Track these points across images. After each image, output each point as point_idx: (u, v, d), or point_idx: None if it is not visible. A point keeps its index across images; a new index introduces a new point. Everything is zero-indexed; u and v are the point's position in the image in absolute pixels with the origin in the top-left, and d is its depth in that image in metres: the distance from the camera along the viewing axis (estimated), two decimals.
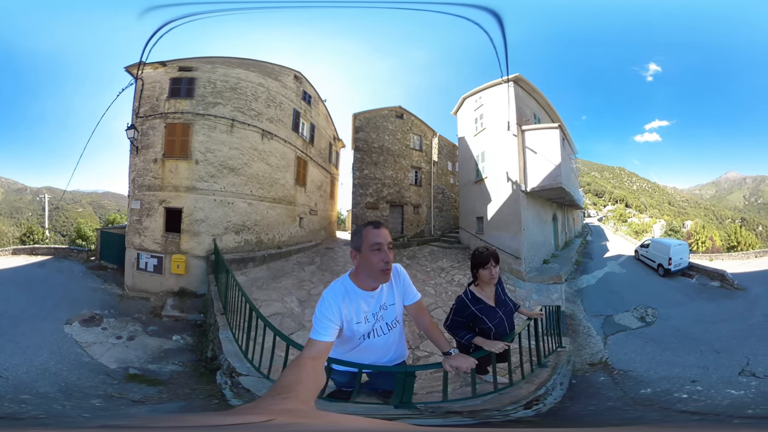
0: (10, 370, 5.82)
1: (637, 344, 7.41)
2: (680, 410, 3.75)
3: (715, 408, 3.87)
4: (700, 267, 13.42)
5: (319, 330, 1.93)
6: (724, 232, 35.53)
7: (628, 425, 2.85)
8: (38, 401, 4.70)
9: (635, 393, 4.65)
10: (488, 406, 2.86)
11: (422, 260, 15.01)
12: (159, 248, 11.59)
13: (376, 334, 2.26)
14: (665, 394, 4.52)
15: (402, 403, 2.55)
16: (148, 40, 10.81)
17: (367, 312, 2.16)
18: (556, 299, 10.63)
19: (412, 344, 6.97)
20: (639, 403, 4.20)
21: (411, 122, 21.80)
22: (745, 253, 18.79)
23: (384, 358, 2.45)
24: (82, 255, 15.27)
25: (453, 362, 2.31)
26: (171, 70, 12.49)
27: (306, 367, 1.51)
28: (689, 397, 4.31)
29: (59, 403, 4.69)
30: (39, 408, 4.41)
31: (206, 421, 0.82)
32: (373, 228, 2.05)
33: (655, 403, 4.17)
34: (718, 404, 4.04)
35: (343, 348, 2.31)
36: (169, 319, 9.54)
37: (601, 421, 3.26)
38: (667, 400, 4.25)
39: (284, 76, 14.81)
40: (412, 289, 2.41)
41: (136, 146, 12.00)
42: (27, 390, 5.09)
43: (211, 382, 5.06)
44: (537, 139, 13.55)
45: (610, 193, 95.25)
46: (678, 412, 3.70)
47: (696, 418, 3.43)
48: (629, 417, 3.50)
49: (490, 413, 2.74)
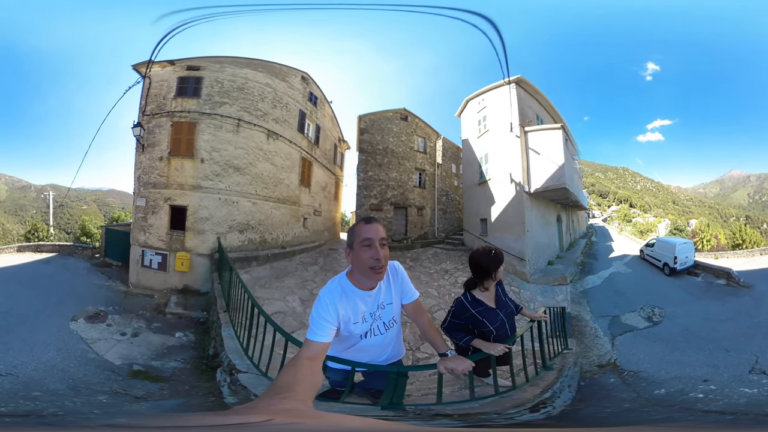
0: (20, 367, 5.84)
1: (645, 344, 7.35)
2: (702, 410, 3.70)
3: (735, 407, 3.82)
4: (705, 265, 13.33)
5: (316, 330, 1.90)
6: (728, 230, 35.31)
7: (627, 425, 2.81)
8: (50, 398, 4.71)
9: (649, 394, 4.60)
10: (487, 410, 2.79)
11: (426, 262, 14.99)
12: (163, 246, 11.63)
13: (373, 334, 2.21)
14: (680, 395, 4.47)
15: (391, 404, 2.48)
16: (160, 40, 10.90)
17: (364, 312, 2.11)
18: (561, 300, 10.57)
19: (412, 345, 6.94)
20: (656, 404, 4.15)
21: (415, 124, 21.83)
22: (750, 251, 18.66)
23: (380, 358, 2.40)
24: (87, 252, 15.31)
25: (449, 364, 2.23)
26: (179, 68, 12.55)
27: (303, 367, 1.52)
28: (705, 397, 4.27)
29: (69, 399, 4.71)
30: (53, 405, 4.42)
31: (205, 421, 0.83)
32: (365, 223, 1.96)
33: (675, 403, 4.12)
34: (735, 403, 4.00)
35: (340, 347, 2.27)
36: (172, 316, 9.58)
37: (605, 422, 3.22)
38: (683, 400, 4.20)
39: (291, 77, 14.83)
40: (411, 288, 2.34)
41: (142, 144, 12.05)
42: (38, 387, 5.11)
43: (211, 380, 5.06)
44: (540, 140, 13.52)
45: (614, 193, 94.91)
46: (702, 412, 3.65)
47: (729, 417, 3.37)
48: (654, 419, 3.45)
49: (488, 416, 2.68)
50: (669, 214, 73.86)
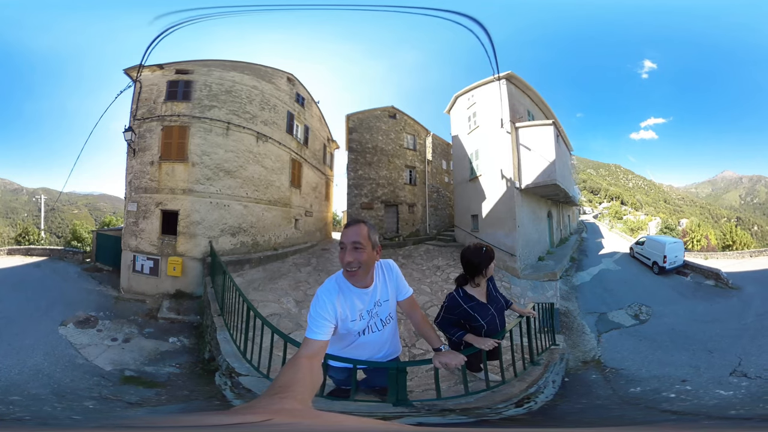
0: (2, 371, 5.76)
1: (630, 342, 7.43)
2: (663, 410, 3.74)
3: (699, 408, 3.84)
4: (694, 265, 13.50)
5: (315, 329, 1.92)
6: (719, 231, 35.57)
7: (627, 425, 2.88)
8: (28, 402, 4.64)
9: (624, 392, 4.64)
10: (480, 404, 2.86)
11: (418, 259, 15.05)
12: (155, 250, 11.59)
13: (371, 331, 2.26)
14: (653, 393, 4.51)
15: (399, 401, 2.58)
16: (150, 43, 10.85)
17: (361, 309, 2.15)
18: (551, 296, 10.67)
19: (408, 342, 7.01)
20: (626, 402, 4.18)
21: (404, 122, 21.85)
22: (740, 253, 18.84)
23: (378, 355, 2.46)
24: (78, 256, 15.21)
25: (442, 359, 2.33)
26: (168, 72, 12.51)
27: (303, 366, 1.51)
28: (677, 397, 4.30)
29: (50, 404, 4.64)
30: (27, 410, 4.34)
31: (204, 421, 0.82)
32: (346, 226, 2.05)
33: (642, 402, 4.18)
34: (704, 404, 4.02)
35: (338, 345, 2.32)
36: (165, 321, 9.52)
37: (596, 421, 3.27)
38: (653, 399, 4.24)
39: (277, 78, 14.82)
40: (405, 285, 2.41)
41: (134, 148, 12.00)
42: (18, 391, 5.03)
43: (210, 383, 5.03)
44: (531, 136, 13.57)
45: (606, 190, 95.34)
46: (660, 411, 3.69)
47: (673, 417, 3.43)
48: (612, 416, 3.51)
49: (482, 411, 2.76)
50: (660, 213, 74.36)
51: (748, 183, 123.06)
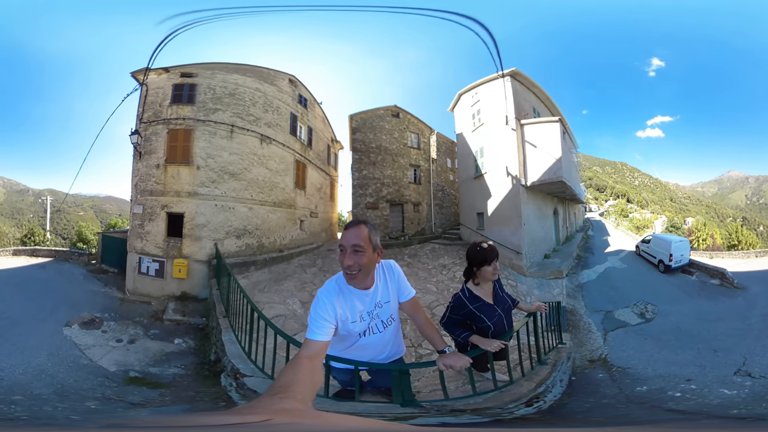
0: (6, 370, 5.76)
1: (636, 341, 7.39)
2: (669, 409, 3.73)
3: (703, 407, 3.84)
4: (700, 264, 13.40)
5: (315, 330, 1.92)
6: (725, 231, 35.18)
7: (626, 425, 2.86)
8: (30, 402, 4.63)
9: (631, 390, 4.63)
10: (489, 404, 2.85)
11: (423, 258, 15.00)
12: (161, 252, 11.66)
13: (372, 332, 2.24)
14: (659, 392, 4.49)
15: (406, 402, 2.56)
16: (157, 46, 10.94)
17: (362, 311, 2.14)
18: (557, 294, 10.60)
19: (414, 342, 6.95)
20: (632, 401, 4.17)
21: (408, 121, 21.83)
22: (745, 252, 18.75)
23: (380, 356, 2.44)
24: (83, 258, 15.31)
25: (447, 361, 2.29)
26: (173, 76, 12.60)
27: (303, 366, 1.51)
28: (682, 396, 4.29)
29: (52, 404, 4.63)
30: (29, 410, 4.34)
31: (204, 420, 0.82)
32: (346, 228, 2.01)
33: (647, 401, 4.16)
34: (708, 404, 4.01)
35: (340, 346, 2.31)
36: (171, 322, 9.56)
37: (600, 420, 3.25)
38: (658, 398, 4.23)
39: (280, 80, 14.86)
40: (407, 286, 2.37)
41: (140, 151, 12.09)
42: (20, 391, 5.03)
43: (216, 385, 5.03)
44: (537, 133, 13.42)
45: (612, 188, 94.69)
46: (666, 410, 3.68)
47: (680, 417, 3.42)
48: (618, 414, 3.50)
49: (493, 411, 2.75)
50: (666, 211, 73.72)
51: (755, 183, 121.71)
